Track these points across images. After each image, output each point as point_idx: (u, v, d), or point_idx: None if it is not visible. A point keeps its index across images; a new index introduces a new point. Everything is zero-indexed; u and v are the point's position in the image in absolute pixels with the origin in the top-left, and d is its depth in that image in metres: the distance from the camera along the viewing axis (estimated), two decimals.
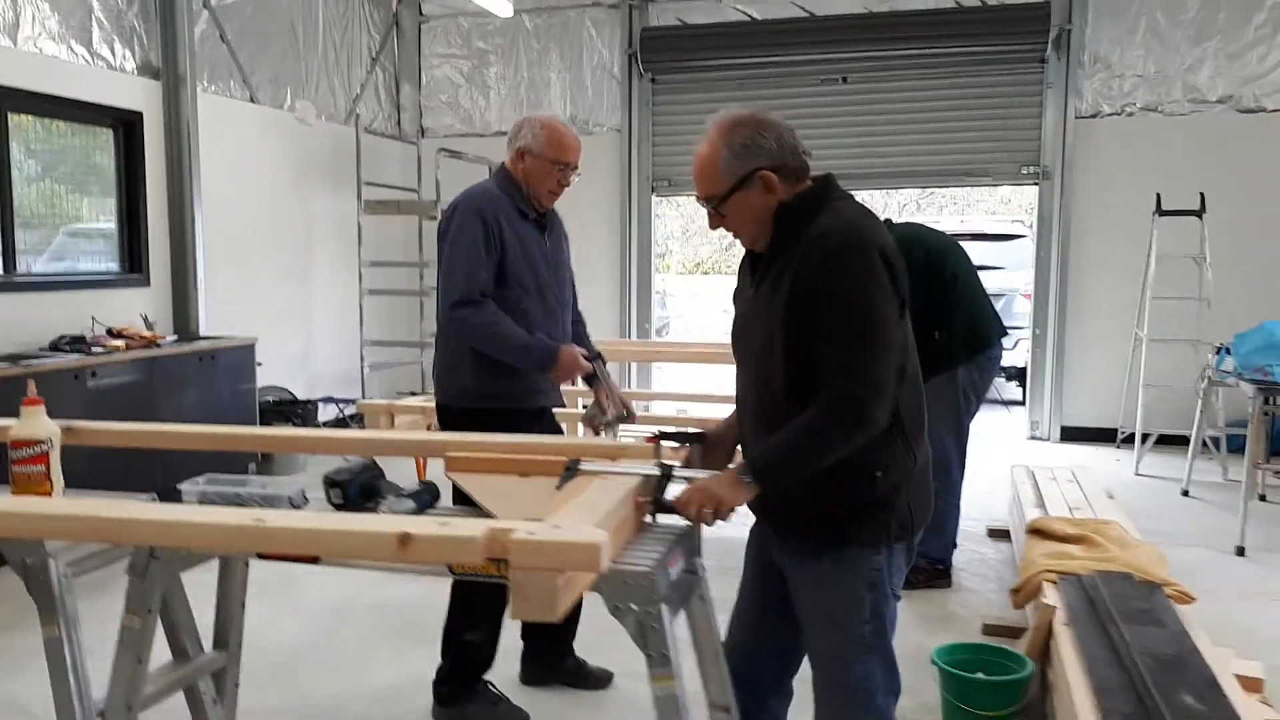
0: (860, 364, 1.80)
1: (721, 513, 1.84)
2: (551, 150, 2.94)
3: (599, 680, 3.31)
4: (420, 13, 8.95)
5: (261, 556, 1.75)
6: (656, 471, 1.91)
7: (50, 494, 2.03)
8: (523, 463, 2.18)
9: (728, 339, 2.15)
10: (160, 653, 2.14)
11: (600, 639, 3.16)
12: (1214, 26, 7.32)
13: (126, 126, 6.04)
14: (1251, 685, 2.82)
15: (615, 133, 8.54)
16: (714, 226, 1.99)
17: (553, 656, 3.31)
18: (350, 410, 7.35)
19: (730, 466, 1.93)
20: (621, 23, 8.44)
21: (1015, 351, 9.36)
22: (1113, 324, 7.58)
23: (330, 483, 1.95)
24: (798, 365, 1.86)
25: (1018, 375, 9.30)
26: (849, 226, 1.86)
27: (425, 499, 1.93)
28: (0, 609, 4.09)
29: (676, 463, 1.97)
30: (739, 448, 2.12)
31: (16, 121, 5.39)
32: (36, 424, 2.03)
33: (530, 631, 3.29)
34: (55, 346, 5.25)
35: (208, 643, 2.34)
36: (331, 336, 7.91)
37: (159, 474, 4.40)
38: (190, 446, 2.37)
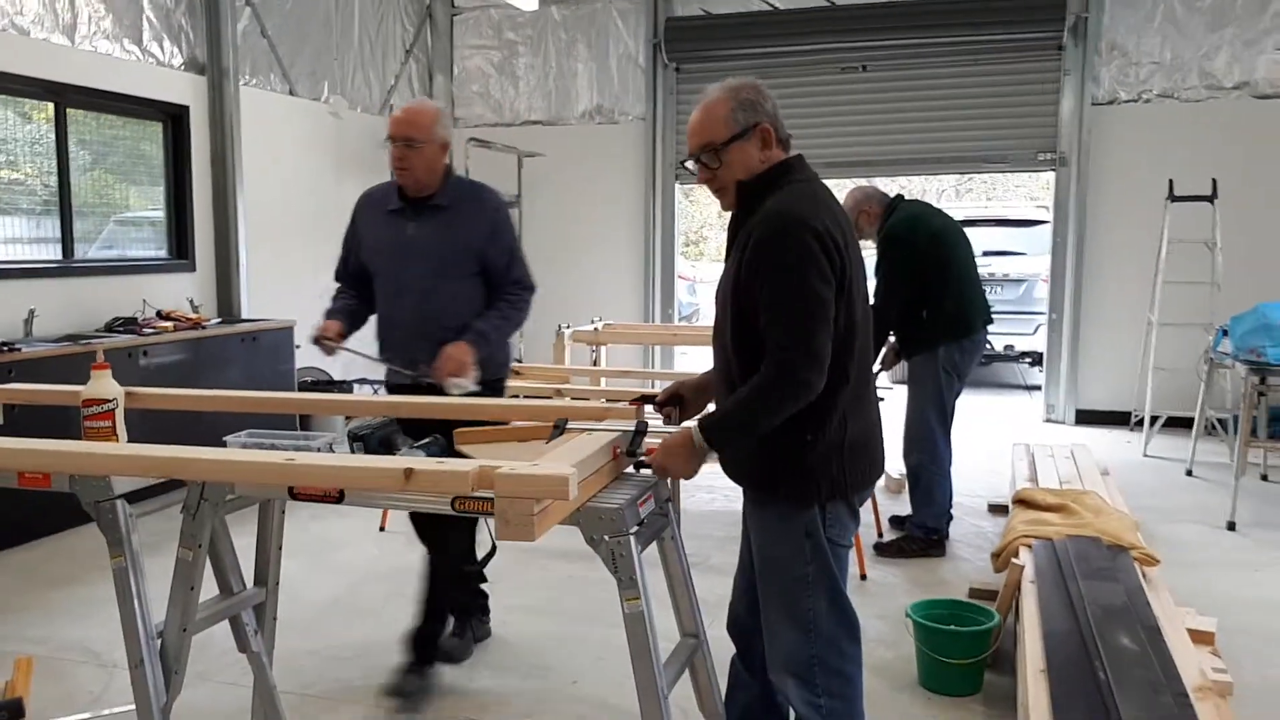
0: (796, 336, 1.96)
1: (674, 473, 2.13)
2: (388, 128, 3.12)
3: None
4: (453, 5, 9.25)
5: (293, 496, 2.04)
6: (633, 428, 2.18)
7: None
8: (519, 430, 2.48)
9: None
10: (208, 589, 2.46)
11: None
12: (1231, 13, 7.40)
13: (174, 120, 6.42)
14: (1202, 638, 3.04)
15: (640, 121, 8.79)
16: (703, 180, 2.17)
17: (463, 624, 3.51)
18: (382, 391, 7.69)
19: (685, 432, 2.12)
20: (646, 13, 8.68)
21: (1035, 336, 9.53)
22: (1127, 308, 7.72)
23: (353, 436, 2.26)
24: (747, 335, 2.06)
25: (1038, 360, 9.44)
26: (791, 209, 2.02)
27: (434, 449, 2.22)
28: (65, 566, 4.49)
29: (654, 421, 2.25)
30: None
31: (72, 115, 5.77)
32: (104, 385, 2.35)
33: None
34: (110, 328, 5.64)
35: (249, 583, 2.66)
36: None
37: (207, 439, 4.75)
38: (231, 409, 2.70)
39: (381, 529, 5.00)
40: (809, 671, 2.14)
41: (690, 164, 2.22)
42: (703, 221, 24.94)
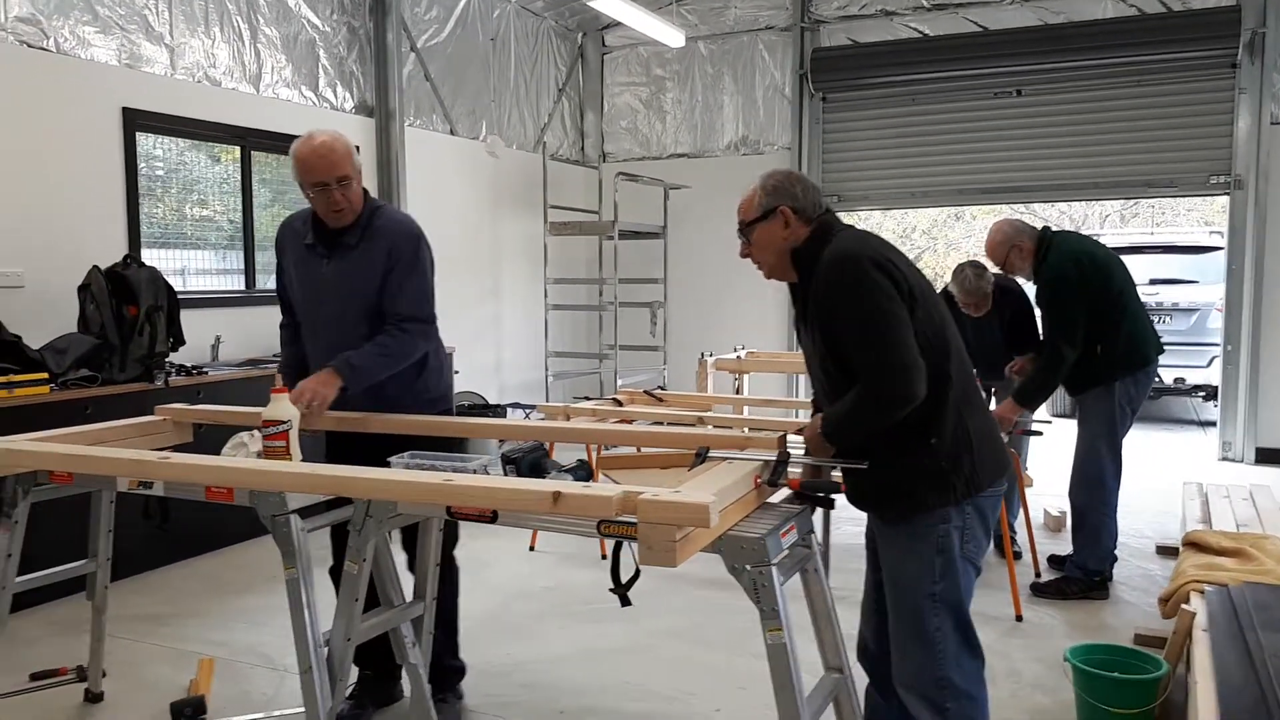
0: (880, 358, 2.12)
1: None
2: (302, 175, 2.89)
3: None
4: (604, 44, 9.54)
5: (451, 515, 2.16)
6: (774, 458, 2.20)
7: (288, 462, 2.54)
8: (662, 458, 2.54)
9: None
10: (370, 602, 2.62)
11: None
12: None
13: None
14: None
15: (786, 151, 8.80)
16: (743, 254, 2.42)
17: (438, 659, 3.18)
18: (535, 415, 7.95)
19: (814, 423, 2.29)
20: (793, 44, 8.71)
21: (1209, 369, 8.95)
22: None
23: (506, 460, 2.36)
24: (842, 370, 2.23)
25: (1212, 394, 8.86)
26: (840, 251, 2.22)
27: (581, 474, 2.30)
28: (242, 576, 4.83)
29: (796, 452, 2.26)
30: None
31: (255, 157, 6.25)
32: (281, 407, 2.55)
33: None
34: None
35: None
36: (519, 348, 8.56)
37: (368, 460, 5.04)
38: (396, 430, 2.87)
39: (531, 548, 5.15)
40: (938, 693, 2.23)
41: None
42: None
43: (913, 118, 8.41)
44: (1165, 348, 4.51)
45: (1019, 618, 4.14)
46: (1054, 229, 4.53)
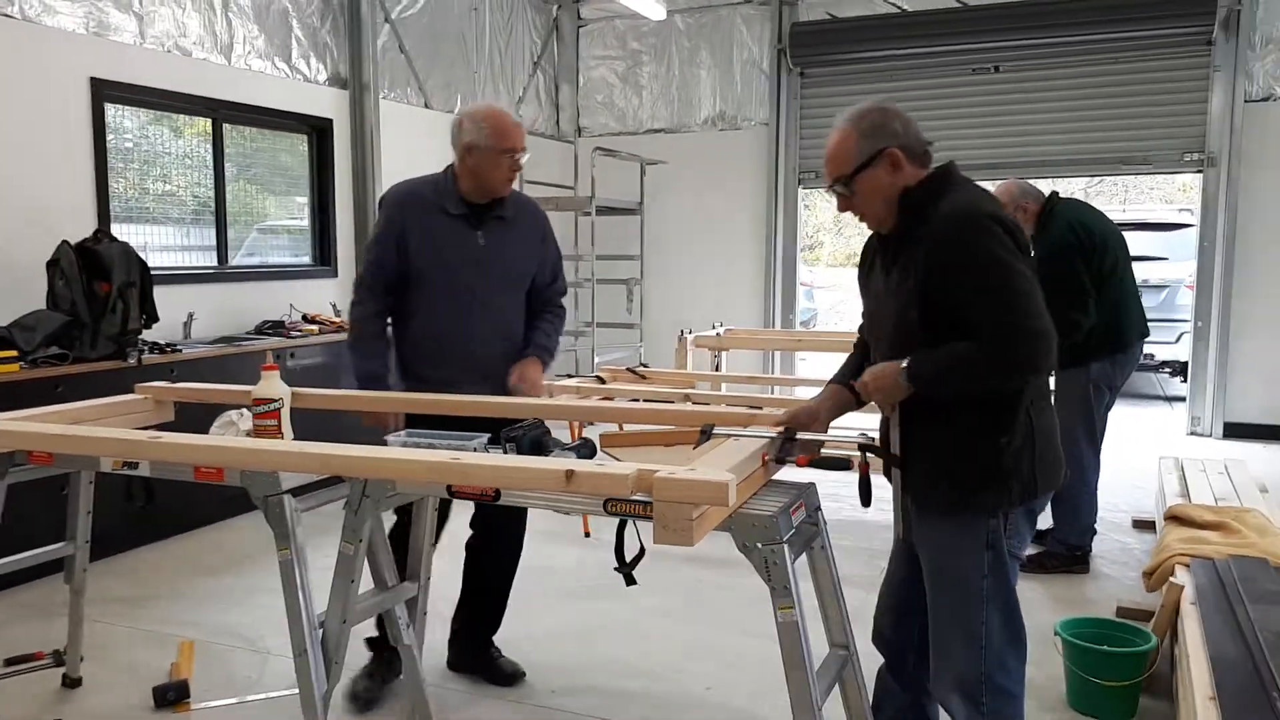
0: (1016, 321, 1.93)
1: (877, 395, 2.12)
2: (496, 139, 2.92)
3: (512, 676, 3.34)
4: (579, 16, 9.41)
5: (451, 494, 2.11)
6: (781, 434, 2.17)
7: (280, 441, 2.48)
8: (665, 435, 2.50)
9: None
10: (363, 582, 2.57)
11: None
12: None
13: (319, 133, 6.72)
14: None
15: (763, 126, 8.76)
16: (842, 209, 2.18)
17: (477, 644, 3.38)
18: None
19: (895, 364, 2.05)
20: (771, 18, 8.65)
21: (1179, 345, 9.06)
22: None
23: (506, 438, 2.31)
24: (927, 328, 2.03)
25: (1180, 370, 8.97)
26: (970, 206, 2.02)
27: (584, 452, 2.25)
28: (217, 557, 4.75)
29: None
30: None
31: (226, 130, 6.10)
32: (273, 385, 2.48)
33: (462, 620, 3.40)
34: (259, 330, 5.94)
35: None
36: None
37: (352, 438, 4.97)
38: (385, 409, 2.81)
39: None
40: (977, 689, 2.10)
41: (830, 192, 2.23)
42: (818, 226, 24.65)
43: (891, 94, 8.36)
44: (1150, 330, 4.50)
45: None
46: (1062, 196, 4.45)
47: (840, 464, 2.15)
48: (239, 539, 5.00)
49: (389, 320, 3.08)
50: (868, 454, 2.14)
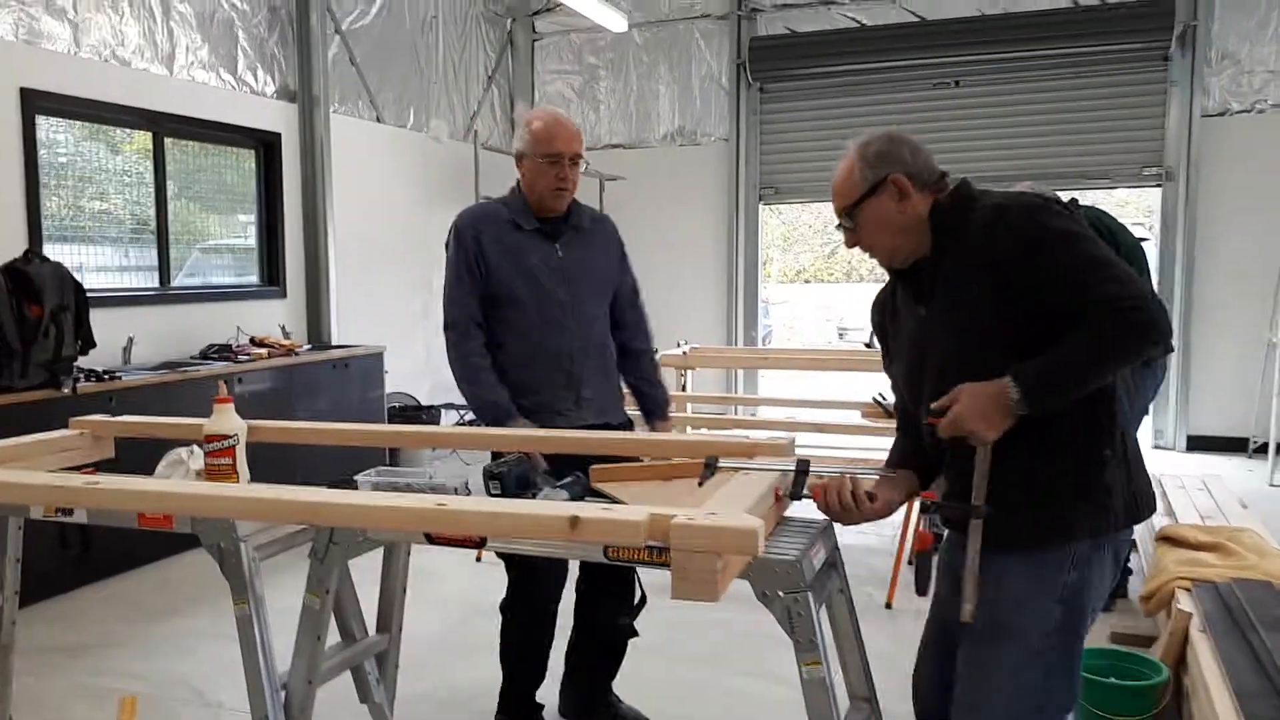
0: (1124, 287, 1.67)
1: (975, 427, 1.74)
2: (541, 146, 2.74)
3: None
4: (534, 30, 9.23)
5: (430, 540, 1.89)
6: (793, 467, 1.98)
7: (235, 483, 2.23)
8: (662, 469, 2.29)
9: (832, 346, 2.10)
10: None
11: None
12: None
13: (267, 147, 6.43)
14: None
15: (723, 142, 8.64)
16: (850, 244, 1.97)
17: (593, 689, 3.12)
18: (470, 415, 7.62)
19: (998, 382, 1.72)
20: (730, 33, 8.55)
21: None
22: (1242, 329, 7.31)
23: (489, 475, 2.09)
24: (1024, 346, 1.74)
25: None
26: (1006, 198, 1.84)
27: (577, 489, 2.05)
28: (164, 597, 4.43)
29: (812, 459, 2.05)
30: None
31: (168, 145, 5.79)
32: (226, 420, 2.23)
33: (575, 662, 3.13)
34: (205, 355, 5.63)
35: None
36: None
37: (294, 471, 4.69)
38: (359, 443, 2.57)
39: (478, 559, 4.85)
40: None
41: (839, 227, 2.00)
42: (768, 243, 24.72)
43: (851, 108, 8.33)
44: (1173, 348, 4.41)
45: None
46: (1083, 205, 4.33)
47: (968, 512, 1.82)
48: (186, 577, 4.68)
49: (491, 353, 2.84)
50: (938, 517, 1.85)
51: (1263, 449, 6.89)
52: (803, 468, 1.99)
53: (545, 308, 2.78)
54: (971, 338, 1.82)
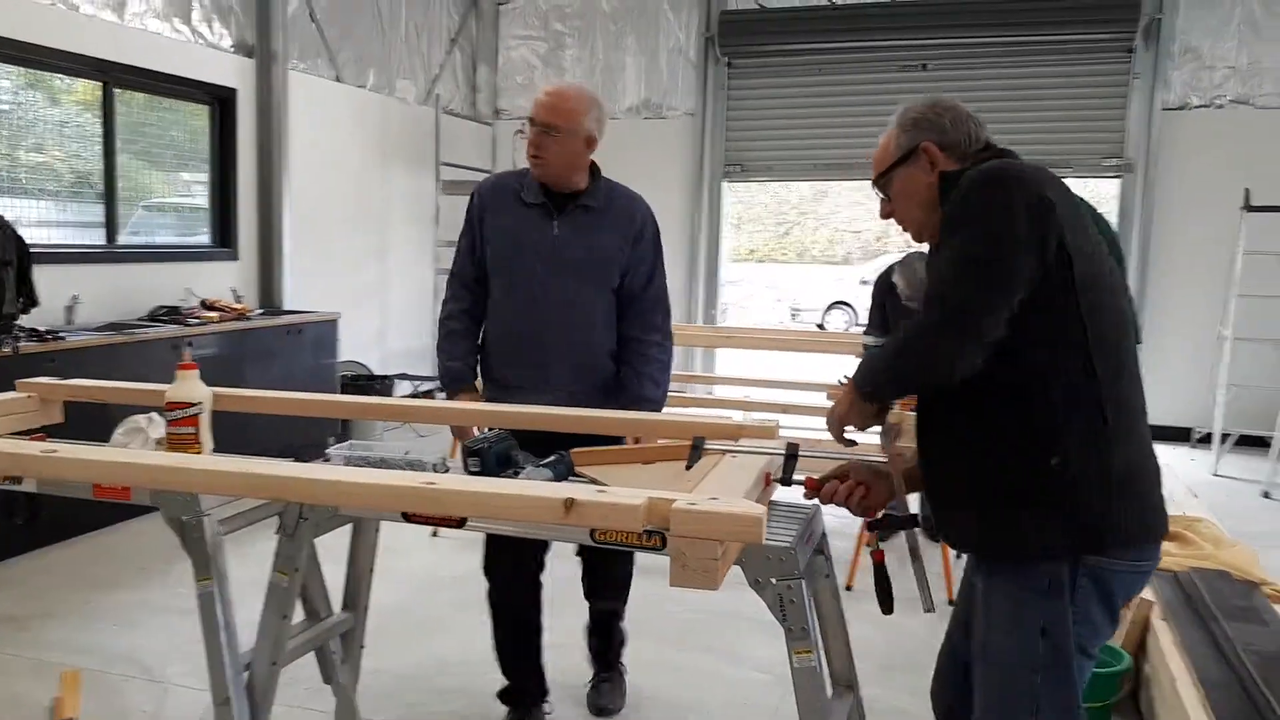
0: (964, 280, 1.59)
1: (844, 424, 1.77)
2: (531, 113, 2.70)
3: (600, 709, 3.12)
4: None
5: (407, 519, 1.82)
6: (782, 450, 1.94)
7: (200, 454, 2.13)
8: (645, 451, 2.22)
9: (787, 326, 2.01)
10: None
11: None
12: None
13: (222, 103, 6.20)
14: None
15: (689, 117, 8.55)
16: (884, 214, 1.88)
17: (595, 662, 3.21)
18: (425, 387, 7.49)
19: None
20: (699, 6, 8.44)
21: None
22: (1193, 321, 7.44)
23: (469, 451, 2.02)
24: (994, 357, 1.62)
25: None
26: (995, 165, 1.68)
27: (561, 469, 1.99)
28: (108, 567, 4.28)
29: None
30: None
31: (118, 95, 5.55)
32: (191, 387, 2.12)
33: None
34: (153, 316, 5.43)
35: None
36: (407, 314, 8.05)
37: (248, 438, 4.57)
38: (322, 414, 2.47)
39: (434, 534, 4.77)
40: None
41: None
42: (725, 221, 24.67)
43: (819, 88, 8.29)
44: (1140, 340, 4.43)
45: (952, 601, 4.06)
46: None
47: (906, 521, 1.85)
48: (136, 545, 4.52)
49: (477, 319, 2.84)
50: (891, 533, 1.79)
51: (1206, 439, 7.04)
52: (793, 451, 1.95)
53: (523, 284, 2.71)
54: None
